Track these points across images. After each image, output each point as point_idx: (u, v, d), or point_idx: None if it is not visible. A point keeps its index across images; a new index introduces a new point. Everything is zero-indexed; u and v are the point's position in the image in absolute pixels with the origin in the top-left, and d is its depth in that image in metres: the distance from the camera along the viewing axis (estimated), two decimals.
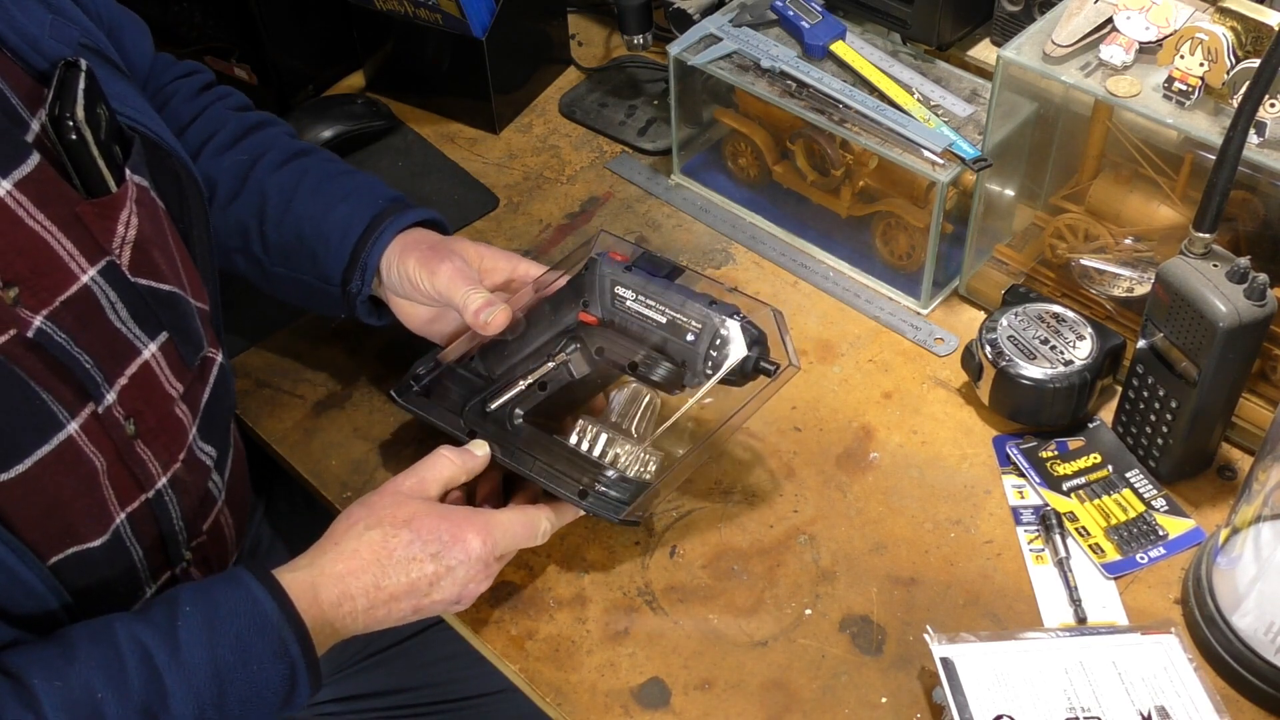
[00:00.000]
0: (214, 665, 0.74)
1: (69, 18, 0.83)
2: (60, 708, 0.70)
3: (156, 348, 0.81)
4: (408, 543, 0.82)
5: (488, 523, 0.85)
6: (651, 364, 0.91)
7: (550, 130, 1.32)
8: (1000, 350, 0.98)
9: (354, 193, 1.00)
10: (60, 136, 0.75)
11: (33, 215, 0.73)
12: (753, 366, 0.89)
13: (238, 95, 1.07)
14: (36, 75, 0.77)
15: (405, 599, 0.82)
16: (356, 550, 0.82)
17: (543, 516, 0.89)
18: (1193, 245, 0.88)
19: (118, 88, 0.82)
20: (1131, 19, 0.93)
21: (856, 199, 1.15)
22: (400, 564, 0.82)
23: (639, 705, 0.86)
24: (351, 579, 0.81)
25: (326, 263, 0.98)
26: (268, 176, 1.00)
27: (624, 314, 0.92)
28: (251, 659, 0.75)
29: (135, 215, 0.79)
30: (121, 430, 0.78)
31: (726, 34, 1.15)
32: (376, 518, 0.84)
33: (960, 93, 1.10)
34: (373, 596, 0.81)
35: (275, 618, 0.77)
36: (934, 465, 0.99)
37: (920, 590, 0.91)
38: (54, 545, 0.76)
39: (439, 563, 0.83)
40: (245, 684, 0.75)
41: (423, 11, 1.25)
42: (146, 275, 0.80)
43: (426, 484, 0.87)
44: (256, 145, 1.02)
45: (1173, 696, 0.81)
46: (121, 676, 0.72)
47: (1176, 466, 0.95)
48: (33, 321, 0.72)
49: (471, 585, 0.85)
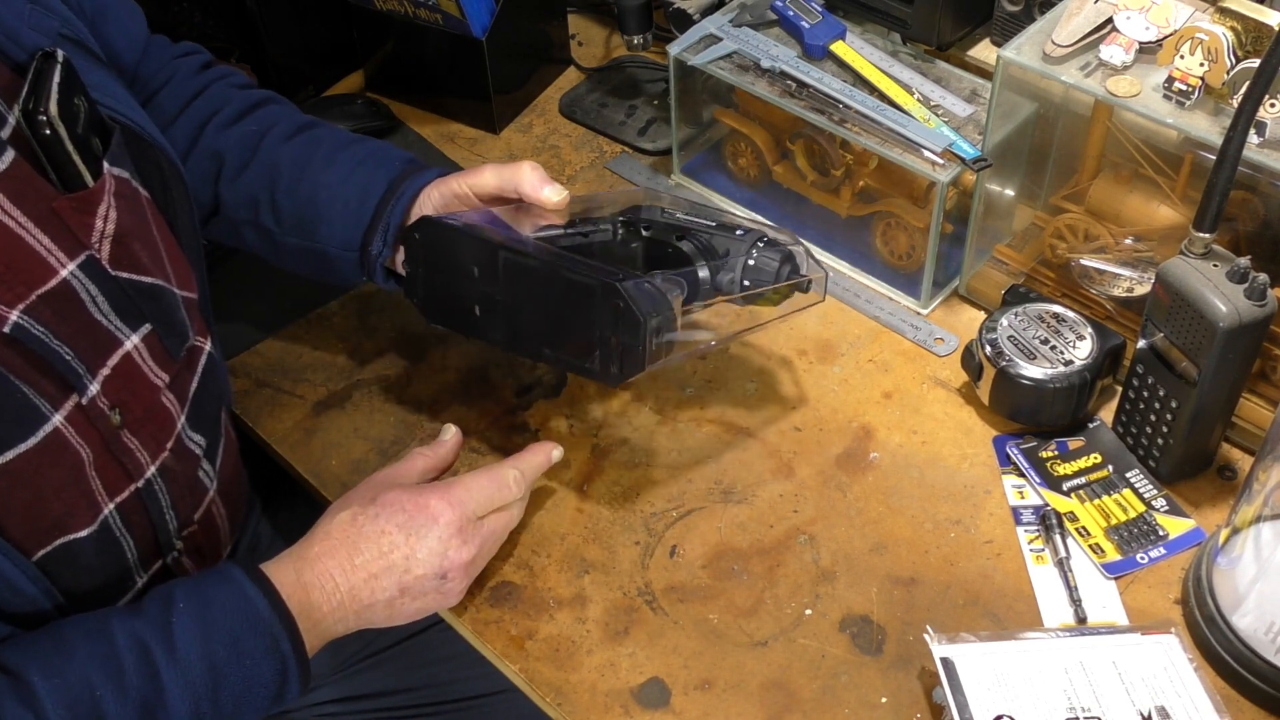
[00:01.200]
0: (209, 661, 0.75)
1: (47, 7, 0.82)
2: (60, 705, 0.70)
3: (139, 339, 0.81)
4: (374, 517, 0.84)
5: (449, 487, 0.87)
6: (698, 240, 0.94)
7: (550, 130, 1.32)
8: (1000, 350, 0.98)
9: (369, 158, 1.00)
10: (34, 132, 0.74)
11: (9, 213, 0.72)
12: (786, 277, 0.93)
13: (239, 74, 1.07)
14: (14, 67, 0.76)
15: (385, 576, 0.83)
16: (329, 532, 0.84)
17: (507, 467, 0.90)
18: (1193, 245, 0.88)
19: (97, 78, 0.82)
20: (1131, 19, 0.93)
21: (856, 199, 1.15)
22: (370, 538, 0.83)
23: (639, 705, 0.86)
24: (327, 558, 0.82)
25: (345, 227, 0.98)
26: (279, 146, 1.00)
27: (673, 223, 0.95)
28: (245, 655, 0.76)
29: (114, 209, 0.78)
30: (107, 421, 0.78)
31: (726, 34, 1.15)
32: (346, 502, 0.87)
33: (960, 93, 1.10)
34: (351, 576, 0.82)
35: (267, 615, 0.78)
36: (934, 465, 0.99)
37: (920, 590, 0.91)
38: (41, 538, 0.76)
39: (408, 533, 0.84)
40: (239, 680, 0.76)
41: (423, 11, 1.25)
42: (128, 268, 0.80)
43: (401, 473, 0.89)
44: (265, 118, 1.02)
45: (1173, 696, 0.81)
46: (119, 673, 0.72)
47: (1176, 466, 0.95)
48: (8, 316, 0.72)
49: (451, 553, 0.85)
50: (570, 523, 0.97)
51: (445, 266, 0.94)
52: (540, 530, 0.97)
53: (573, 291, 0.87)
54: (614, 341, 0.86)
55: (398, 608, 0.85)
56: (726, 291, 0.94)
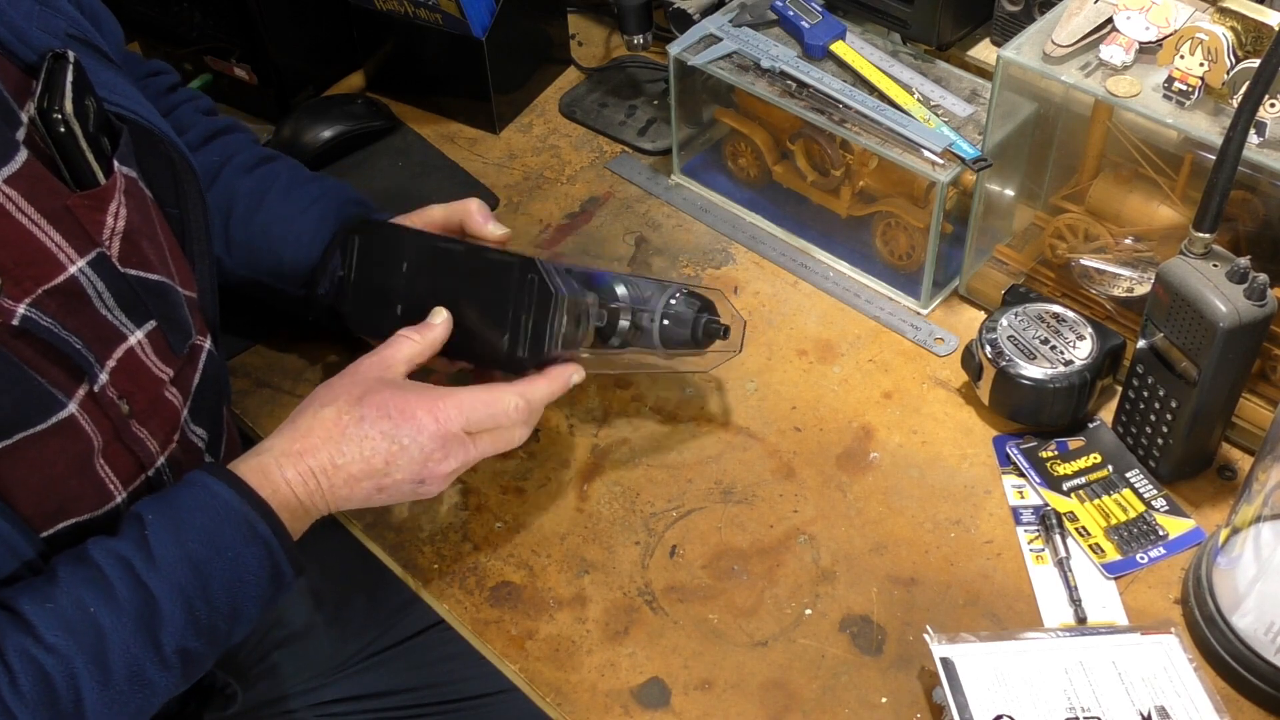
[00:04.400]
0: (189, 560, 0.76)
1: (55, 8, 0.83)
2: (57, 628, 0.71)
3: (143, 334, 0.82)
4: (359, 419, 0.83)
5: (440, 398, 0.85)
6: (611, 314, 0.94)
7: (550, 130, 1.32)
8: (1000, 350, 0.98)
9: (323, 197, 1.02)
10: (49, 130, 0.75)
11: (22, 210, 0.73)
12: (703, 330, 0.95)
13: (204, 99, 1.09)
14: (24, 68, 0.77)
15: (365, 479, 0.83)
16: (311, 428, 0.83)
17: (509, 392, 0.87)
18: (1193, 245, 0.88)
19: (106, 76, 0.82)
20: (1131, 19, 0.93)
21: (856, 199, 1.15)
22: (353, 440, 0.83)
23: (639, 705, 0.86)
24: (309, 456, 0.82)
25: (294, 265, 1.00)
26: (237, 179, 1.02)
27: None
28: (224, 546, 0.77)
29: (124, 206, 0.80)
30: (117, 409, 0.79)
31: (726, 34, 1.15)
32: (332, 395, 0.85)
33: (960, 93, 1.10)
34: (332, 476, 0.82)
35: (236, 503, 0.78)
36: (934, 465, 0.99)
37: (920, 590, 0.91)
38: (49, 519, 0.77)
39: (391, 440, 0.83)
40: (225, 572, 0.77)
41: (423, 11, 1.25)
42: (136, 266, 0.81)
43: (388, 362, 0.87)
44: (226, 147, 1.03)
45: (1173, 696, 0.81)
46: (108, 588, 0.73)
47: (1176, 466, 0.95)
48: (16, 310, 0.73)
49: (431, 463, 0.84)
50: (570, 523, 0.97)
51: (378, 264, 0.95)
52: (540, 530, 0.97)
53: (493, 271, 0.89)
54: (524, 320, 0.87)
55: (372, 500, 0.85)
56: (644, 329, 0.95)
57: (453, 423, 0.84)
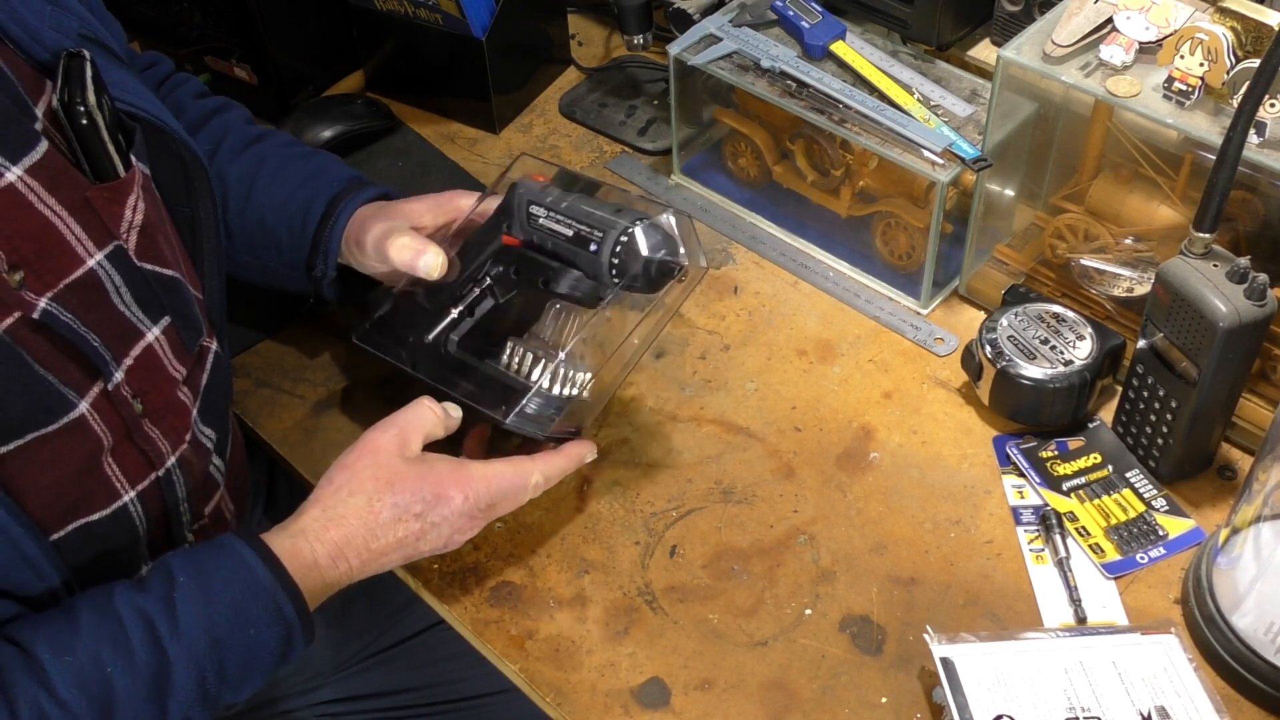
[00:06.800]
0: (211, 634, 0.76)
1: (67, 8, 0.83)
2: (72, 684, 0.71)
3: (159, 331, 0.82)
4: (392, 505, 0.84)
5: (470, 476, 0.87)
6: (560, 277, 0.91)
7: (550, 130, 1.32)
8: (1000, 350, 0.98)
9: (312, 176, 1.02)
10: (72, 121, 0.76)
11: (44, 200, 0.74)
12: (656, 270, 0.87)
13: (195, 82, 1.08)
14: (37, 66, 0.78)
15: (395, 552, 0.85)
16: (344, 516, 0.83)
17: (534, 468, 0.90)
18: (1193, 245, 0.88)
19: (118, 76, 0.83)
20: (1131, 19, 0.93)
21: (856, 199, 1.15)
22: (387, 525, 0.84)
23: (639, 705, 0.86)
24: (345, 545, 0.83)
25: (291, 249, 1.00)
26: (227, 165, 1.02)
27: (540, 232, 0.92)
28: (248, 624, 0.77)
29: (141, 200, 0.80)
30: (130, 408, 0.80)
31: (726, 34, 1.15)
32: (359, 482, 0.85)
33: (960, 93, 1.10)
34: (365, 557, 0.84)
35: (268, 582, 0.78)
36: (934, 465, 0.99)
37: (920, 590, 0.91)
38: (58, 520, 0.77)
39: (424, 520, 0.85)
40: (243, 648, 0.77)
41: (423, 11, 1.25)
42: (151, 260, 0.81)
43: (407, 439, 0.88)
44: (216, 131, 1.03)
45: (1173, 696, 0.81)
46: (128, 648, 0.73)
47: (1176, 466, 0.95)
48: (37, 303, 0.73)
49: (457, 535, 0.87)
50: (570, 523, 0.97)
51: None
52: (540, 530, 0.97)
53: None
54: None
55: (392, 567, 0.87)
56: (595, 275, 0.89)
57: (482, 499, 0.87)
